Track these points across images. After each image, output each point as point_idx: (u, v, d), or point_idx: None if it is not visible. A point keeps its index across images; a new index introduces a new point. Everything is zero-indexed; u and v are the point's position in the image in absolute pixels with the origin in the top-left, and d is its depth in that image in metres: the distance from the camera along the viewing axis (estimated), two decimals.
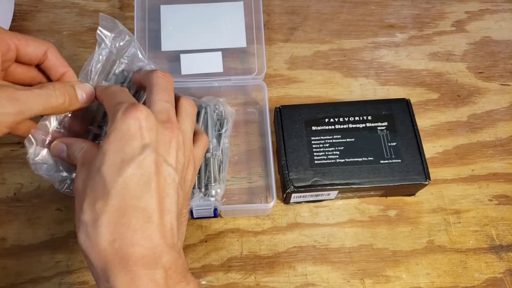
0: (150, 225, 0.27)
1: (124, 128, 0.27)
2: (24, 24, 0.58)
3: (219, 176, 0.48)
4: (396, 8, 0.63)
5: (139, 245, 0.26)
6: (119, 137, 0.27)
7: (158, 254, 0.27)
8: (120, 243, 0.26)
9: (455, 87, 0.58)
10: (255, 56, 0.54)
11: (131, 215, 0.26)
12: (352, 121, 0.49)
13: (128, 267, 0.26)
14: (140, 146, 0.27)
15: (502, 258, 0.48)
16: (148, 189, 0.27)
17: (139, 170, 0.27)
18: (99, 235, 0.26)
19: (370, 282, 0.46)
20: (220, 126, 0.51)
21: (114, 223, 0.26)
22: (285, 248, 0.48)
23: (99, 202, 0.26)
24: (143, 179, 0.27)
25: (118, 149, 0.27)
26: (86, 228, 0.26)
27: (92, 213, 0.26)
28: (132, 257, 0.26)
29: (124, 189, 0.26)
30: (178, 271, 0.28)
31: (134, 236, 0.26)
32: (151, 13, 0.55)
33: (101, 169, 0.27)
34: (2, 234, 0.47)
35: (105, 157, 0.27)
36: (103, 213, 0.26)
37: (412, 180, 0.47)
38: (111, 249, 0.26)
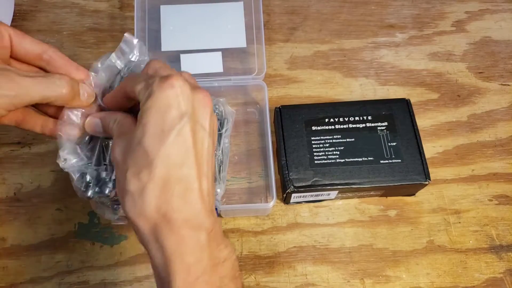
0: (191, 191, 0.28)
1: (163, 98, 0.28)
2: (24, 24, 0.58)
3: (219, 176, 0.48)
4: (396, 8, 0.63)
5: (183, 211, 0.28)
6: (158, 107, 0.28)
7: (200, 218, 0.28)
8: (166, 209, 0.27)
9: (455, 87, 0.58)
10: (255, 56, 0.54)
11: (174, 182, 0.28)
12: (352, 121, 0.49)
13: (174, 229, 0.27)
14: (179, 115, 0.28)
15: (502, 258, 0.48)
16: (188, 156, 0.28)
17: (179, 138, 0.28)
18: (146, 202, 0.27)
19: (370, 282, 0.46)
20: (220, 126, 0.51)
21: (159, 191, 0.27)
22: (285, 248, 0.48)
23: (143, 171, 0.28)
24: (184, 147, 0.28)
25: (157, 119, 0.28)
26: (133, 197, 0.28)
27: (138, 182, 0.28)
28: (177, 221, 0.27)
29: (166, 158, 0.28)
30: (217, 234, 0.30)
31: (178, 202, 0.28)
32: (151, 13, 0.55)
33: (143, 140, 0.28)
34: (2, 234, 0.47)
35: (146, 128, 0.28)
36: (148, 182, 0.27)
37: (412, 180, 0.47)
38: (158, 215, 0.27)
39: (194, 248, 0.28)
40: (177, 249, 0.27)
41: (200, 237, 0.28)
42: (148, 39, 0.54)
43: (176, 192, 0.28)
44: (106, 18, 0.59)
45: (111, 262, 0.46)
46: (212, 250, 0.29)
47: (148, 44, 0.54)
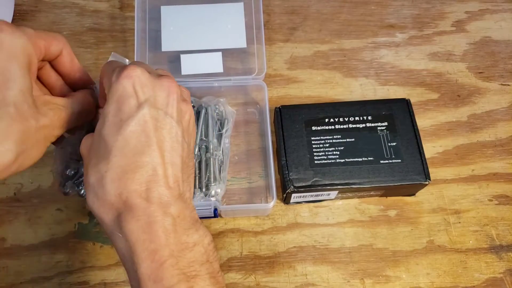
0: (156, 177, 0.28)
1: (120, 89, 0.28)
2: (24, 24, 0.58)
3: (219, 176, 0.48)
4: (396, 8, 0.63)
5: (145, 197, 0.27)
6: (116, 99, 0.28)
7: (164, 203, 0.28)
8: (127, 195, 0.27)
9: (455, 87, 0.58)
10: (255, 56, 0.54)
11: (134, 170, 0.27)
12: (352, 121, 0.49)
13: (137, 216, 0.27)
14: (137, 104, 0.28)
15: (502, 258, 0.48)
16: (150, 143, 0.28)
17: (138, 127, 0.28)
18: (106, 191, 0.27)
19: (370, 282, 0.46)
20: (221, 126, 0.51)
21: (119, 179, 0.27)
22: (285, 248, 0.48)
23: (102, 162, 0.27)
24: (144, 135, 0.28)
25: (116, 110, 0.28)
26: (94, 189, 0.28)
27: (96, 173, 0.28)
28: (140, 207, 0.27)
29: (125, 147, 0.27)
30: (186, 219, 0.29)
31: (140, 188, 0.27)
32: (152, 13, 0.55)
33: (102, 132, 0.28)
34: (2, 234, 0.47)
35: (105, 119, 0.28)
36: (107, 171, 0.27)
37: (412, 180, 0.47)
38: (119, 201, 0.27)
39: (158, 234, 0.27)
40: (140, 235, 0.27)
41: (164, 222, 0.27)
42: (148, 39, 0.54)
43: (137, 179, 0.27)
44: (106, 18, 0.59)
45: (111, 262, 0.46)
46: (179, 235, 0.28)
47: (149, 44, 0.54)
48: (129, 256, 0.27)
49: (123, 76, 0.28)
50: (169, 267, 0.27)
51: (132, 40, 0.54)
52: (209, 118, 0.50)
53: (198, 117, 0.51)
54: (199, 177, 0.47)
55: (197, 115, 0.51)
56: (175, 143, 0.29)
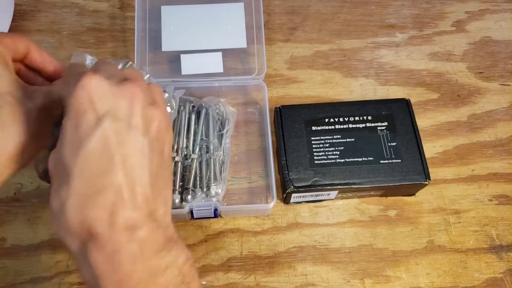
0: (120, 199, 0.25)
1: (76, 102, 0.25)
2: (24, 24, 0.58)
3: (220, 176, 0.48)
4: (396, 8, 0.63)
5: (109, 223, 0.25)
6: (73, 114, 0.25)
7: (131, 227, 0.25)
8: (90, 224, 0.25)
9: (455, 87, 0.58)
10: (255, 56, 0.54)
11: (96, 195, 0.25)
12: (352, 121, 0.49)
13: (101, 245, 0.25)
14: (96, 118, 0.25)
15: (502, 258, 0.48)
16: (113, 162, 0.25)
17: (98, 144, 0.25)
18: (68, 220, 0.25)
19: (370, 282, 0.46)
20: (221, 126, 0.51)
21: (80, 206, 0.25)
22: (285, 248, 0.48)
23: (63, 187, 0.25)
24: (106, 154, 0.25)
25: (74, 127, 0.25)
26: (56, 216, 0.25)
27: (58, 199, 0.25)
28: (104, 235, 0.25)
29: (85, 169, 0.25)
30: (157, 241, 0.27)
31: (103, 214, 0.25)
32: (152, 13, 0.55)
33: (61, 152, 0.25)
34: (2, 234, 0.47)
35: (63, 137, 0.25)
36: (67, 197, 0.25)
37: (412, 180, 0.47)
38: (82, 230, 0.25)
39: (124, 261, 0.25)
40: (105, 266, 0.25)
41: (131, 247, 0.25)
42: (148, 39, 0.54)
43: (99, 204, 0.25)
44: (106, 18, 0.59)
45: None
46: (148, 259, 0.26)
47: (149, 44, 0.54)
48: (95, 286, 0.25)
49: (78, 87, 0.25)
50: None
51: (132, 40, 0.54)
52: (209, 118, 0.50)
53: (199, 117, 0.51)
54: (200, 177, 0.47)
55: (197, 115, 0.51)
56: (142, 158, 0.26)
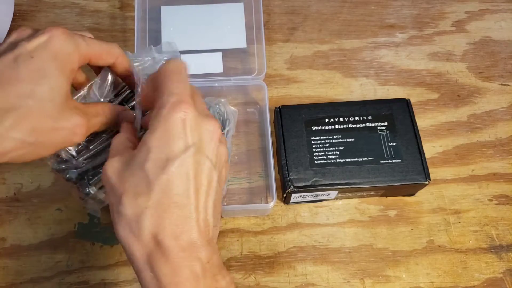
0: (190, 221, 0.28)
1: (170, 126, 0.28)
2: (24, 24, 0.58)
3: None
4: (396, 8, 0.63)
5: (179, 239, 0.27)
6: (164, 134, 0.28)
7: (196, 248, 0.28)
8: (163, 236, 0.27)
9: (455, 87, 0.58)
10: (255, 56, 0.54)
11: (173, 211, 0.27)
12: (352, 121, 0.49)
13: (169, 259, 0.27)
14: (184, 146, 0.28)
15: (502, 258, 0.48)
16: (190, 187, 0.28)
17: (182, 168, 0.28)
18: (142, 228, 0.27)
19: (370, 282, 0.46)
20: (222, 126, 0.50)
21: (157, 217, 0.27)
22: (285, 248, 0.48)
23: (142, 197, 0.27)
24: (185, 177, 0.28)
25: (162, 147, 0.28)
26: (129, 222, 0.27)
27: (134, 207, 0.27)
28: (173, 249, 0.27)
29: (167, 186, 0.27)
30: (214, 265, 0.29)
31: (175, 230, 0.27)
32: (152, 13, 0.55)
33: (145, 166, 0.27)
34: (2, 234, 0.47)
35: (150, 154, 0.28)
36: (146, 208, 0.27)
37: (412, 180, 0.47)
38: (153, 242, 0.27)
39: (189, 279, 0.27)
40: (172, 280, 0.27)
41: (195, 267, 0.28)
42: (148, 39, 0.54)
43: (174, 220, 0.27)
44: (106, 18, 0.59)
45: (111, 262, 0.46)
46: (208, 280, 0.28)
47: (149, 45, 0.54)
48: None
49: (176, 113, 0.28)
50: None
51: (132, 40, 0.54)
52: None
53: None
54: None
55: None
56: (211, 189, 0.29)
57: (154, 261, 0.27)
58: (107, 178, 0.29)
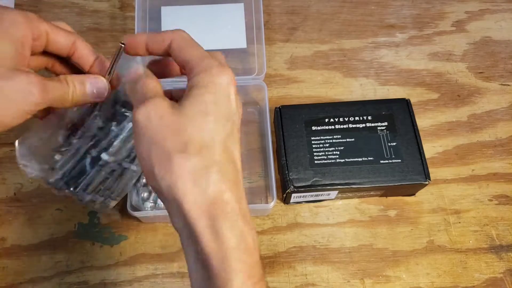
0: (242, 186, 0.28)
1: (223, 86, 0.28)
2: None
3: None
4: (396, 8, 0.63)
5: (241, 202, 0.27)
6: (219, 93, 0.28)
7: (249, 215, 0.28)
8: (228, 196, 0.26)
9: (455, 87, 0.58)
10: (255, 56, 0.54)
11: (232, 172, 0.27)
12: (352, 121, 0.49)
13: (234, 222, 0.26)
14: (234, 109, 0.28)
15: (502, 258, 0.48)
16: (239, 150, 0.28)
17: (234, 130, 0.28)
18: (212, 183, 0.26)
19: (370, 282, 0.46)
20: None
21: (222, 175, 0.26)
22: (285, 248, 0.48)
23: (207, 150, 0.26)
24: (236, 140, 0.28)
25: (219, 104, 0.27)
26: (195, 175, 0.26)
27: (202, 159, 0.26)
28: (239, 213, 0.26)
29: (227, 145, 0.27)
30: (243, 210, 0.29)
31: (237, 193, 0.27)
32: (152, 13, 0.55)
33: (208, 118, 0.27)
34: (2, 234, 0.47)
35: (209, 106, 0.27)
36: (214, 162, 0.26)
37: (412, 180, 0.47)
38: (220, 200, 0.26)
39: (253, 249, 0.26)
40: (238, 245, 0.26)
41: (255, 236, 0.27)
42: None
43: (234, 182, 0.27)
44: (106, 18, 0.59)
45: (111, 262, 0.46)
46: (258, 254, 0.27)
47: None
48: (220, 262, 0.25)
49: (227, 75, 0.28)
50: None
51: None
52: None
53: None
54: None
55: None
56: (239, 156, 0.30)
57: (218, 222, 0.25)
58: (159, 117, 0.27)
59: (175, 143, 0.26)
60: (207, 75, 0.28)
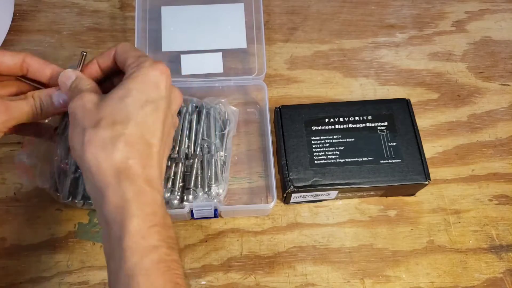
0: (154, 158, 0.32)
1: (152, 76, 0.33)
2: (24, 24, 0.58)
3: (221, 176, 0.48)
4: (396, 8, 0.63)
5: (145, 169, 0.31)
6: (146, 81, 0.33)
7: (157, 182, 0.32)
8: (132, 163, 0.30)
9: (455, 87, 0.58)
10: (255, 56, 0.54)
11: (142, 145, 0.31)
12: (352, 121, 0.49)
13: (135, 182, 0.30)
14: (159, 96, 0.33)
15: (502, 258, 0.48)
16: (158, 130, 0.32)
17: (156, 113, 0.32)
18: (117, 150, 0.30)
19: (370, 282, 0.46)
20: (223, 126, 0.50)
21: (130, 145, 0.30)
22: (285, 248, 0.48)
23: (119, 125, 0.31)
24: (157, 122, 0.32)
25: (143, 90, 0.32)
26: (104, 142, 0.30)
27: (112, 131, 0.30)
28: (139, 176, 0.31)
29: (142, 123, 0.31)
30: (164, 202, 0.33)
31: (143, 161, 0.31)
32: (152, 13, 0.55)
33: (126, 100, 0.31)
34: (2, 234, 0.47)
35: (131, 92, 0.32)
36: (122, 134, 0.30)
37: (412, 180, 0.47)
38: (123, 165, 0.30)
39: (151, 202, 0.30)
40: (137, 197, 0.30)
41: (156, 196, 0.31)
42: (148, 39, 0.54)
43: (143, 153, 0.31)
44: (106, 18, 0.59)
45: None
46: (164, 211, 0.32)
47: (149, 45, 0.54)
48: (120, 211, 0.29)
49: (157, 68, 0.33)
50: (155, 233, 0.30)
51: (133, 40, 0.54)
52: (211, 118, 0.50)
53: (199, 117, 0.50)
54: (201, 177, 0.47)
55: (198, 115, 0.51)
56: (169, 138, 0.35)
57: (122, 180, 0.30)
58: (82, 105, 0.32)
59: (91, 122, 0.31)
60: (139, 69, 0.33)
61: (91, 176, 0.30)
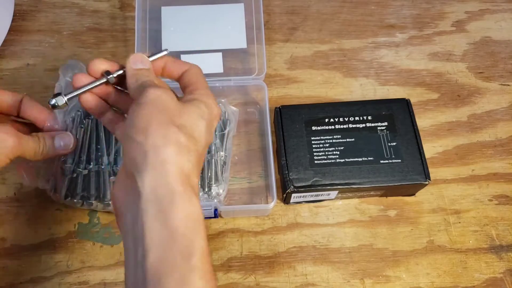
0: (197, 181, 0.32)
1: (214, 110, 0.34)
2: (24, 24, 0.58)
3: (221, 176, 0.48)
4: (396, 8, 0.63)
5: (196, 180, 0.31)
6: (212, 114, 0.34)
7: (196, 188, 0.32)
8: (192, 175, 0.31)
9: (455, 87, 0.58)
10: (255, 57, 0.54)
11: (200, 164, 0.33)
12: (352, 121, 0.49)
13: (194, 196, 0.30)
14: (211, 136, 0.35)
15: (502, 258, 0.48)
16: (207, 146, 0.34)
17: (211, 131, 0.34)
18: (189, 162, 0.30)
19: (370, 282, 0.46)
20: (223, 126, 0.50)
21: (198, 163, 0.32)
22: (285, 248, 0.48)
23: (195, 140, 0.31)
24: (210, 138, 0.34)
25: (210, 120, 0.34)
26: (179, 147, 0.30)
27: (188, 142, 0.30)
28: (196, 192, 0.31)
29: (205, 147, 0.33)
30: None
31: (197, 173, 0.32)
32: (152, 13, 0.55)
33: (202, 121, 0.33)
34: (2, 234, 0.47)
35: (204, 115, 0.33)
36: (195, 151, 0.31)
37: (412, 180, 0.47)
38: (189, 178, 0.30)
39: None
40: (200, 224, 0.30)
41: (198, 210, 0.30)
42: (148, 39, 0.54)
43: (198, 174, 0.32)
44: (106, 18, 0.59)
45: (111, 262, 0.46)
46: None
47: (149, 45, 0.54)
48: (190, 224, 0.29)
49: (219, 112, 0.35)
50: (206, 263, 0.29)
51: (133, 40, 0.54)
52: None
53: None
54: (201, 177, 0.47)
55: None
56: None
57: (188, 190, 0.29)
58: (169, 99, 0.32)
59: (174, 119, 0.31)
60: (207, 98, 0.34)
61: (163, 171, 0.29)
